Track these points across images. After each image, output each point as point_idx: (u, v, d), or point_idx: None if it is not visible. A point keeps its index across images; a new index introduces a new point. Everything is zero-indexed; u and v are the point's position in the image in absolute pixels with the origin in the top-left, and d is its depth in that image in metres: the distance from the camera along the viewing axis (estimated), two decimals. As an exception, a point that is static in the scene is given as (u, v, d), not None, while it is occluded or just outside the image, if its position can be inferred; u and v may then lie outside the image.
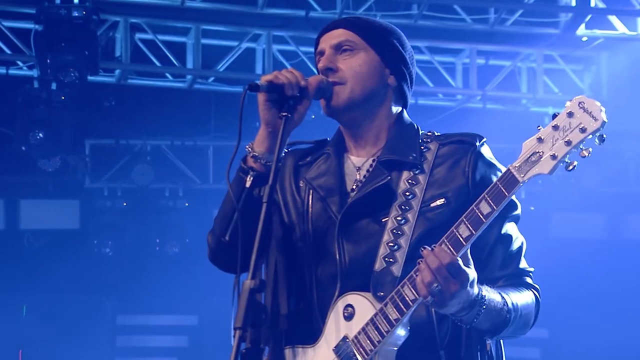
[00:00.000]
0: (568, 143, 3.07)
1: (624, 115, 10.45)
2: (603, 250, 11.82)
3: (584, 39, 10.72)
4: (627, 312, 11.55)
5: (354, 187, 3.50)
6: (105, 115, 10.94)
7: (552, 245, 11.13)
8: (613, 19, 10.54)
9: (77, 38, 9.62)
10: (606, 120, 3.04)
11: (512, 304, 3.33)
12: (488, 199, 3.15)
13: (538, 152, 3.11)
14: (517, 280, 3.48)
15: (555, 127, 3.09)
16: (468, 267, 3.16)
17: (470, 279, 3.15)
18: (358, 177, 3.51)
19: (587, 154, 3.06)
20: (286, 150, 3.65)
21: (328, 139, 3.67)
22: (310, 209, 3.51)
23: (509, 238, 3.47)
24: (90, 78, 10.02)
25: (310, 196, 3.52)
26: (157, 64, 10.51)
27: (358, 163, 3.54)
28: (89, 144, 11.38)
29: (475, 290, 3.19)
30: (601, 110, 3.05)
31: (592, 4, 10.21)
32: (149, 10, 10.16)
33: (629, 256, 11.67)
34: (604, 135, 3.06)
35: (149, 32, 10.35)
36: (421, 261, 3.16)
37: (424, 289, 3.15)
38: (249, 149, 3.42)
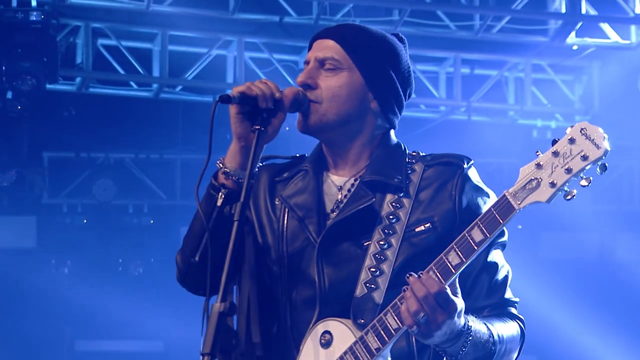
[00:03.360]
0: (568, 171, 3.10)
1: (617, 129, 10.51)
2: (595, 271, 11.88)
3: (575, 47, 10.80)
4: (620, 337, 11.61)
5: (335, 207, 3.51)
6: (64, 127, 10.92)
7: (541, 266, 11.19)
8: (605, 26, 10.63)
9: (35, 44, 9.61)
10: (609, 149, 3.06)
11: (498, 335, 3.36)
12: (481, 225, 3.17)
13: (536, 178, 3.13)
14: (501, 311, 3.51)
15: (555, 154, 3.11)
16: (456, 296, 3.18)
17: (459, 309, 3.17)
18: (339, 197, 3.52)
19: (587, 184, 3.08)
20: (261, 164, 3.63)
21: (306, 154, 3.67)
22: (286, 230, 3.50)
23: (494, 266, 3.49)
24: (48, 86, 10.00)
25: (286, 215, 3.52)
26: (121, 71, 10.50)
27: (339, 182, 3.54)
28: (47, 157, 11.37)
29: (462, 320, 3.21)
30: (604, 138, 3.07)
31: (583, 11, 10.28)
32: (112, 14, 10.15)
33: (622, 278, 11.74)
34: (606, 164, 3.08)
35: (112, 37, 10.34)
36: (407, 288, 3.17)
37: (409, 318, 3.15)
38: (220, 164, 3.42)
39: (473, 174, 3.52)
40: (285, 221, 3.52)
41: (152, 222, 11.77)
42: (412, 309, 3.14)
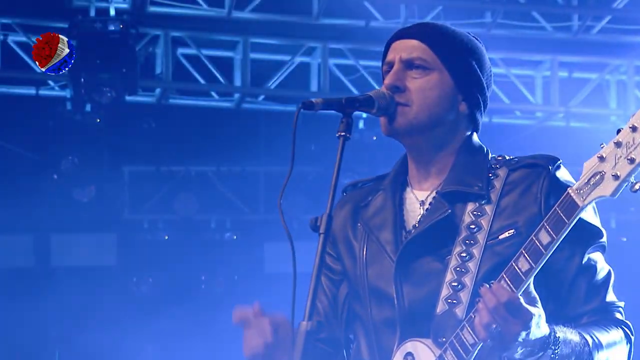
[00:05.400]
0: (631, 161, 3.04)
1: None
2: None
3: (681, 47, 10.64)
4: None
5: (417, 223, 3.50)
6: (144, 139, 11.05)
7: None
8: None
9: (114, 54, 9.74)
10: None
11: (595, 344, 3.30)
12: (547, 227, 3.13)
13: (600, 172, 3.09)
14: (604, 316, 3.43)
15: (618, 144, 3.06)
16: (533, 305, 3.13)
17: (535, 318, 3.11)
18: (422, 212, 3.51)
19: None
20: (344, 194, 3.69)
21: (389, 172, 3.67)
22: (366, 252, 3.52)
23: (592, 269, 3.42)
24: (128, 98, 10.14)
25: (367, 238, 3.54)
26: (202, 81, 10.59)
27: (422, 197, 3.54)
28: (127, 171, 11.50)
29: (546, 330, 3.15)
30: None
31: (690, 8, 10.14)
32: (192, 22, 10.25)
33: None
34: None
35: (192, 46, 10.44)
36: (479, 300, 3.13)
37: (482, 332, 3.11)
38: None
39: (562, 174, 3.46)
40: (366, 244, 3.54)
41: (235, 237, 11.84)
42: (484, 320, 3.10)
